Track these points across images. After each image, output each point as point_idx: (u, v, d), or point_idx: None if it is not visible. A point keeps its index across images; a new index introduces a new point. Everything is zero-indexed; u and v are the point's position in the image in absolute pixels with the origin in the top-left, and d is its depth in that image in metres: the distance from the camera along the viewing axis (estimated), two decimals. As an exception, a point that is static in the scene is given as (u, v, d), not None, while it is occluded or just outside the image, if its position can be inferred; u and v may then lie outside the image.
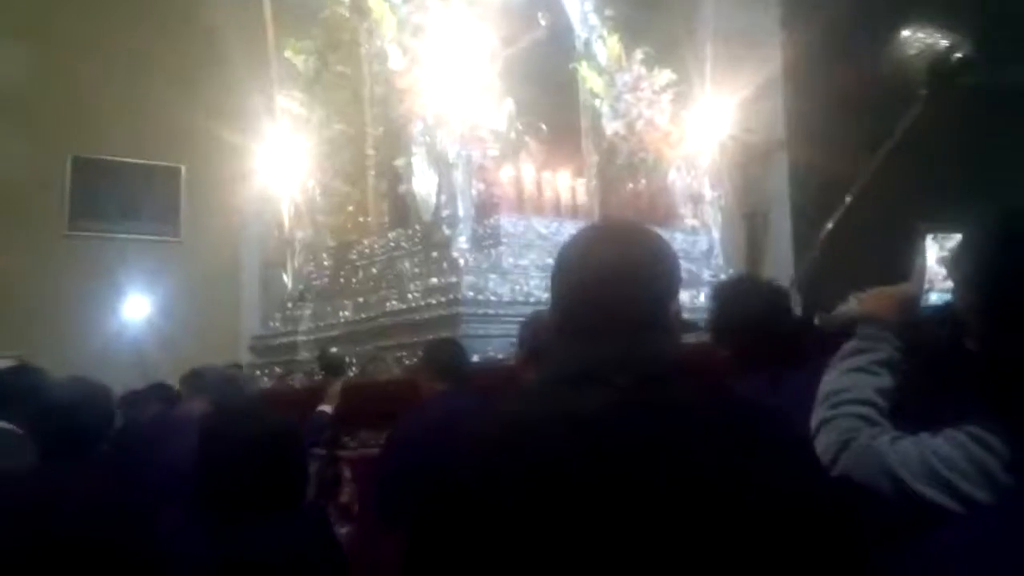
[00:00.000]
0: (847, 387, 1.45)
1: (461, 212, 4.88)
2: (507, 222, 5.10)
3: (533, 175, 6.04)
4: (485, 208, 5.14)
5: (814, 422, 1.43)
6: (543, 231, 5.20)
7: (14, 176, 7.85)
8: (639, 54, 6.93)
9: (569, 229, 5.38)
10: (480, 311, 4.57)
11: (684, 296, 5.76)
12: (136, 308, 8.33)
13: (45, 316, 7.71)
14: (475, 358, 4.35)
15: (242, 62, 6.65)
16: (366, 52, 5.64)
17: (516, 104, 6.64)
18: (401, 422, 3.55)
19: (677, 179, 6.55)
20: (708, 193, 6.47)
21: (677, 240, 6.09)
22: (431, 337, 4.44)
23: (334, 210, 5.87)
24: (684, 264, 5.80)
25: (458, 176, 4.91)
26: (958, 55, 3.50)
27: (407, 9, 5.41)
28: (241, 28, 6.91)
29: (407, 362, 4.61)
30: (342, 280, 5.70)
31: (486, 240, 5.07)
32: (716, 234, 6.43)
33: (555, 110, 6.96)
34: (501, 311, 4.68)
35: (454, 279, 4.67)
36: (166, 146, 8.34)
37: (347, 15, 5.74)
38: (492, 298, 4.67)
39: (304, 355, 5.70)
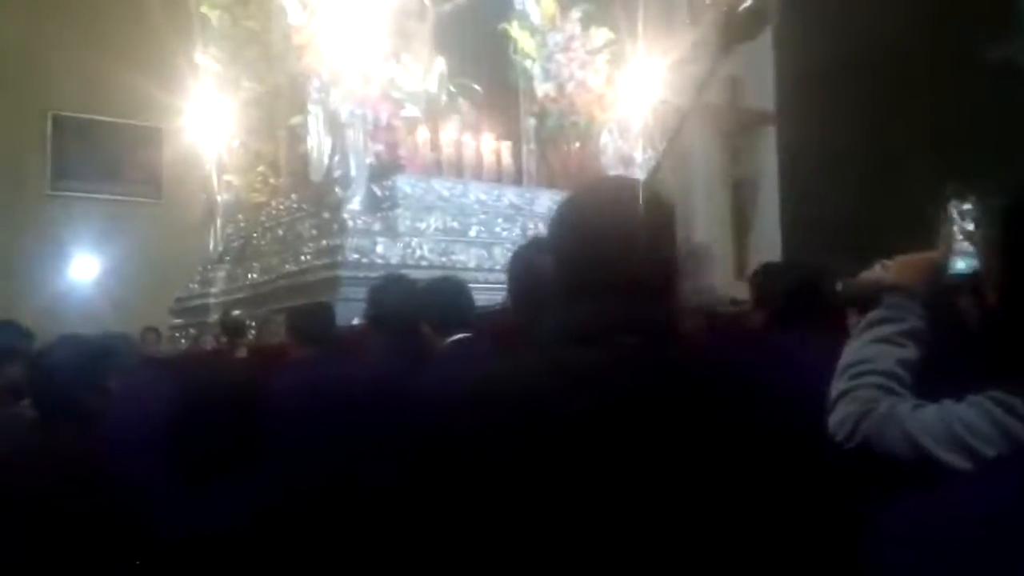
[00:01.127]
0: (869, 358, 1.39)
1: (354, 172, 4.75)
2: (405, 183, 4.98)
3: (453, 137, 5.89)
4: (384, 169, 5.00)
5: (833, 393, 1.37)
6: (445, 193, 5.06)
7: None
8: (576, 13, 6.71)
9: (476, 191, 5.29)
10: (362, 274, 4.47)
11: None
12: (113, 268, 8.30)
13: (27, 276, 7.68)
14: (355, 322, 4.25)
15: (167, 17, 6.52)
16: (275, 7, 5.49)
17: (449, 64, 6.51)
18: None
19: (609, 143, 6.36)
20: (639, 157, 6.27)
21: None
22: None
23: (247, 170, 5.76)
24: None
25: (351, 136, 4.78)
26: (747, 6, 3.41)
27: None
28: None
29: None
30: (253, 242, 5.64)
31: (384, 202, 4.95)
32: (645, 199, 6.24)
33: (491, 71, 6.80)
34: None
35: (339, 241, 4.56)
36: (146, 106, 8.19)
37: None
38: (378, 261, 4.57)
39: (215, 317, 5.66)
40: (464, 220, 5.14)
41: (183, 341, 5.94)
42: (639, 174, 6.32)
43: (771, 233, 9.68)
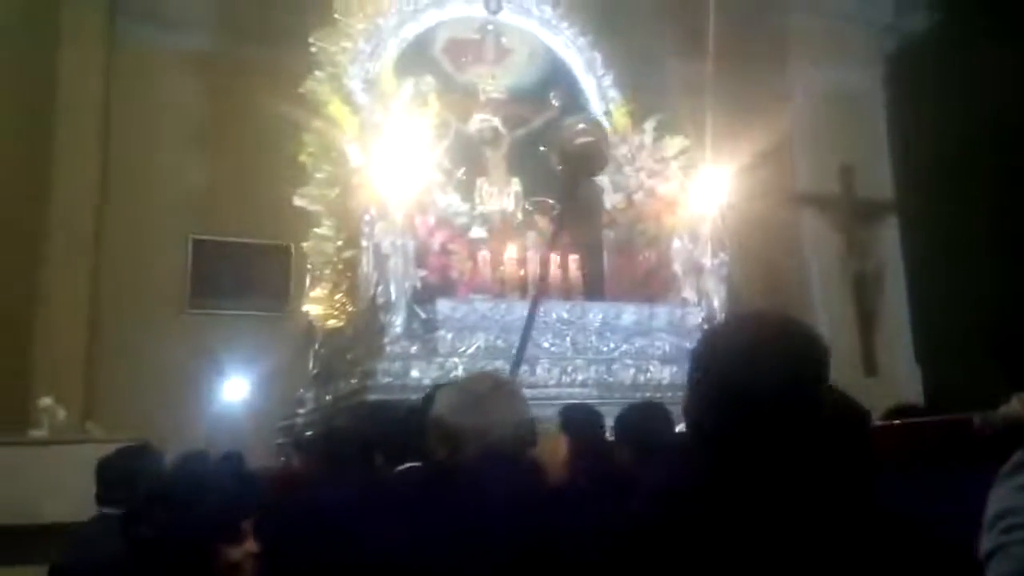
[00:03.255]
0: (1020, 507, 1.25)
1: (394, 298, 5.09)
2: (446, 306, 5.26)
3: (513, 255, 6.13)
4: (426, 294, 5.32)
5: (984, 548, 1.24)
6: (487, 313, 5.29)
7: (142, 257, 8.82)
8: (650, 123, 6.85)
9: (519, 309, 5.46)
10: (395, 397, 4.74)
11: (670, 372, 5.68)
12: (244, 383, 8.98)
13: (166, 393, 8.37)
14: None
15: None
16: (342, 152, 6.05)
17: (524, 184, 6.83)
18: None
19: (680, 249, 6.36)
20: (708, 262, 6.22)
21: (661, 315, 5.97)
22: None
23: (327, 298, 6.29)
24: (673, 339, 5.74)
25: (393, 264, 5.15)
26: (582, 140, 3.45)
27: (370, 110, 5.75)
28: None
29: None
30: (332, 366, 6.08)
31: (428, 325, 5.25)
32: (717, 304, 6.15)
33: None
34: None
35: (374, 366, 4.89)
36: (275, 225, 8.98)
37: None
38: (411, 383, 4.83)
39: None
40: (507, 338, 5.31)
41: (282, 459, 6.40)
42: (708, 280, 6.28)
43: (902, 331, 9.10)
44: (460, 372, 5.15)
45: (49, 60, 8.65)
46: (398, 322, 5.24)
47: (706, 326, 6.24)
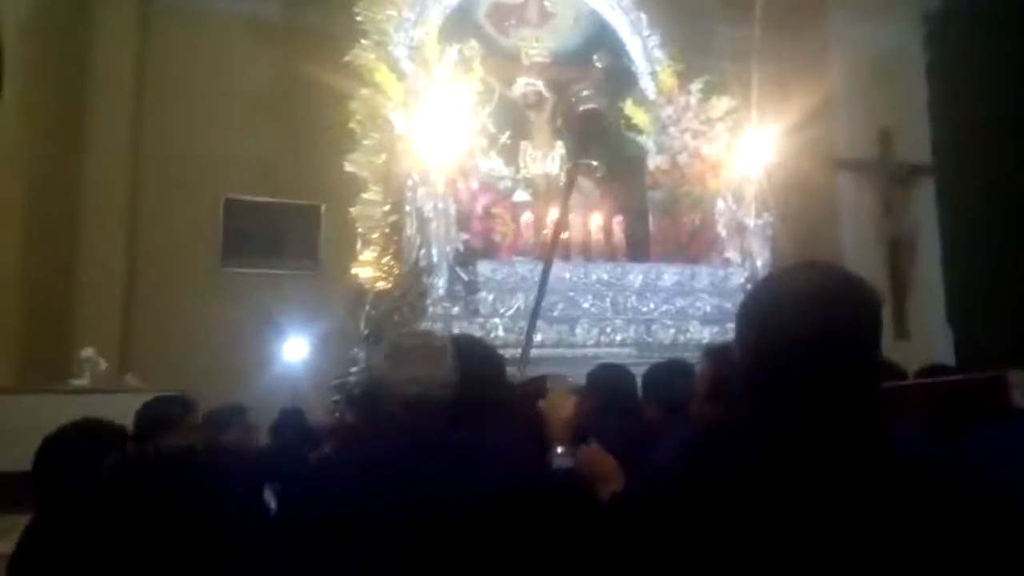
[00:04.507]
0: None
1: (435, 260, 5.24)
2: (487, 268, 5.38)
3: (557, 217, 6.20)
4: (467, 256, 5.45)
5: None
6: (527, 274, 5.40)
7: (178, 215, 9.09)
8: (697, 84, 6.83)
9: (561, 270, 5.56)
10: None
11: (711, 332, 5.76)
12: (280, 339, 9.20)
13: (202, 348, 8.61)
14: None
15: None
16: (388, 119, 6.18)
17: (568, 146, 6.89)
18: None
19: (724, 210, 6.37)
20: (752, 223, 6.22)
21: (703, 276, 6.01)
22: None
23: (376, 261, 6.47)
24: (715, 300, 5.81)
25: (435, 227, 5.28)
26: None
27: (414, 77, 5.85)
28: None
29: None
30: (381, 326, 6.27)
31: (470, 287, 5.39)
32: (760, 263, 6.16)
33: (611, 149, 7.08)
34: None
35: (417, 326, 5.05)
36: (307, 187, 9.15)
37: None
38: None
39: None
40: (547, 298, 5.41)
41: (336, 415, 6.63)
42: (752, 240, 6.28)
43: (934, 293, 9.00)
44: (500, 332, 5.30)
45: (86, 20, 8.91)
46: (440, 284, 5.39)
47: (749, 286, 6.26)
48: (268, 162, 9.28)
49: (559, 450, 2.38)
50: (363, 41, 6.61)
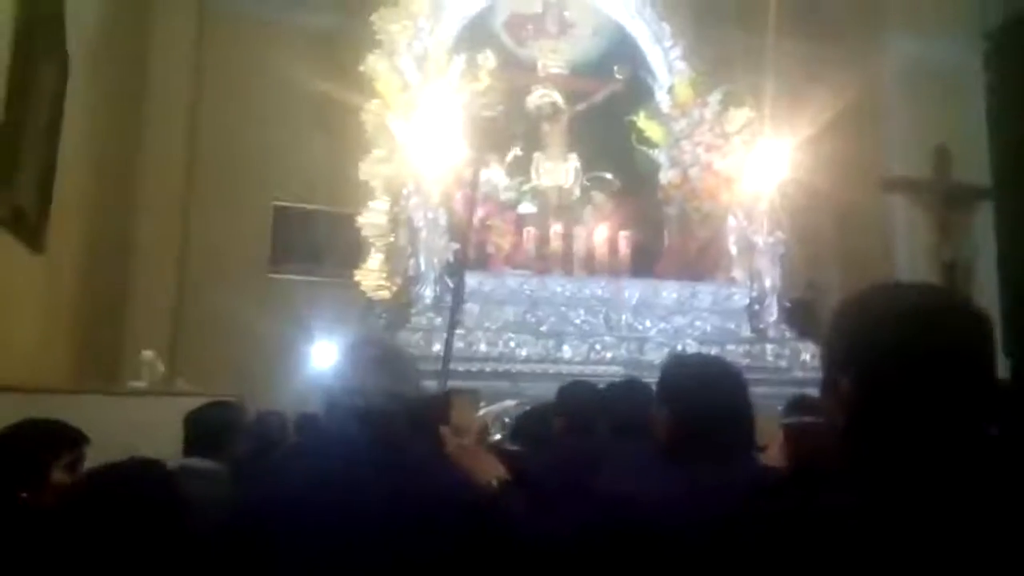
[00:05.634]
0: None
1: (423, 270, 5.23)
2: (473, 279, 5.33)
3: (558, 230, 6.15)
4: (455, 267, 5.42)
5: None
6: (516, 287, 5.35)
7: (228, 223, 9.29)
8: (716, 95, 6.66)
9: (555, 284, 5.49)
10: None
11: (713, 353, 5.64)
12: (316, 345, 9.32)
13: (248, 352, 8.78)
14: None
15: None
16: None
17: (583, 159, 6.82)
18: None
19: (735, 227, 6.20)
20: (762, 241, 6.03)
21: (705, 294, 5.85)
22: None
23: (377, 270, 6.48)
24: (716, 320, 5.65)
25: (424, 237, 5.27)
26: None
27: (418, 87, 5.86)
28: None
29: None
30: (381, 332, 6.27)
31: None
32: (768, 283, 5.96)
33: (625, 162, 6.98)
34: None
35: (403, 336, 5.04)
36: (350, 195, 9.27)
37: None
38: (432, 355, 4.94)
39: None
40: (536, 313, 5.35)
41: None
42: (761, 260, 6.09)
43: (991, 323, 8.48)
44: (482, 347, 5.25)
45: (144, 32, 9.20)
46: (427, 294, 5.37)
47: (756, 307, 6.06)
48: (315, 169, 9.43)
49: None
50: (376, 51, 6.65)
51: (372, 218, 6.73)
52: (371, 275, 6.78)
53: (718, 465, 1.67)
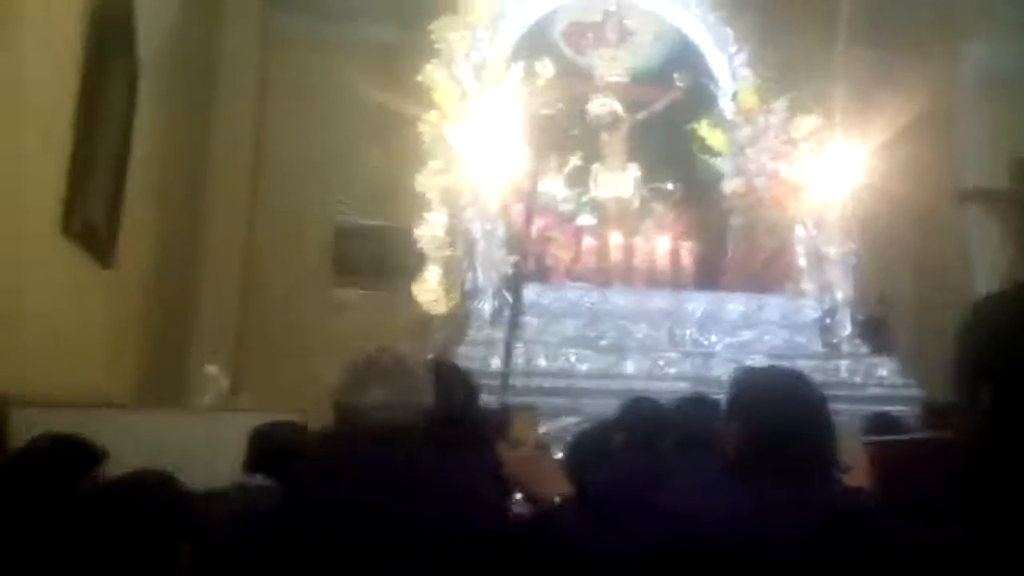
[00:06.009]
0: None
1: (480, 283, 5.14)
2: (533, 292, 5.21)
3: (619, 242, 6.00)
4: (515, 280, 5.30)
5: None
6: (576, 300, 5.22)
7: (291, 237, 9.37)
8: (783, 102, 6.46)
9: (617, 297, 5.36)
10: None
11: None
12: None
13: (311, 369, 8.82)
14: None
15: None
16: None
17: (643, 169, 6.67)
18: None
19: (804, 237, 5.98)
20: (833, 251, 5.79)
21: (773, 307, 5.64)
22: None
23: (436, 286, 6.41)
24: (785, 334, 5.44)
25: (481, 249, 5.19)
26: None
27: (476, 97, 5.80)
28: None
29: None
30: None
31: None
32: (840, 296, 5.71)
33: (686, 171, 6.82)
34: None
35: (460, 350, 4.96)
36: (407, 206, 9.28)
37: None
38: (491, 370, 4.84)
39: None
40: (597, 326, 5.21)
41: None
42: (833, 271, 5.86)
43: None
44: (542, 362, 5.11)
45: (209, 43, 9.22)
46: (486, 308, 5.27)
47: (827, 320, 5.82)
48: (374, 181, 9.46)
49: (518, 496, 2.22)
50: (434, 60, 6.61)
51: (429, 230, 6.69)
52: (428, 289, 6.72)
53: (794, 483, 1.55)
